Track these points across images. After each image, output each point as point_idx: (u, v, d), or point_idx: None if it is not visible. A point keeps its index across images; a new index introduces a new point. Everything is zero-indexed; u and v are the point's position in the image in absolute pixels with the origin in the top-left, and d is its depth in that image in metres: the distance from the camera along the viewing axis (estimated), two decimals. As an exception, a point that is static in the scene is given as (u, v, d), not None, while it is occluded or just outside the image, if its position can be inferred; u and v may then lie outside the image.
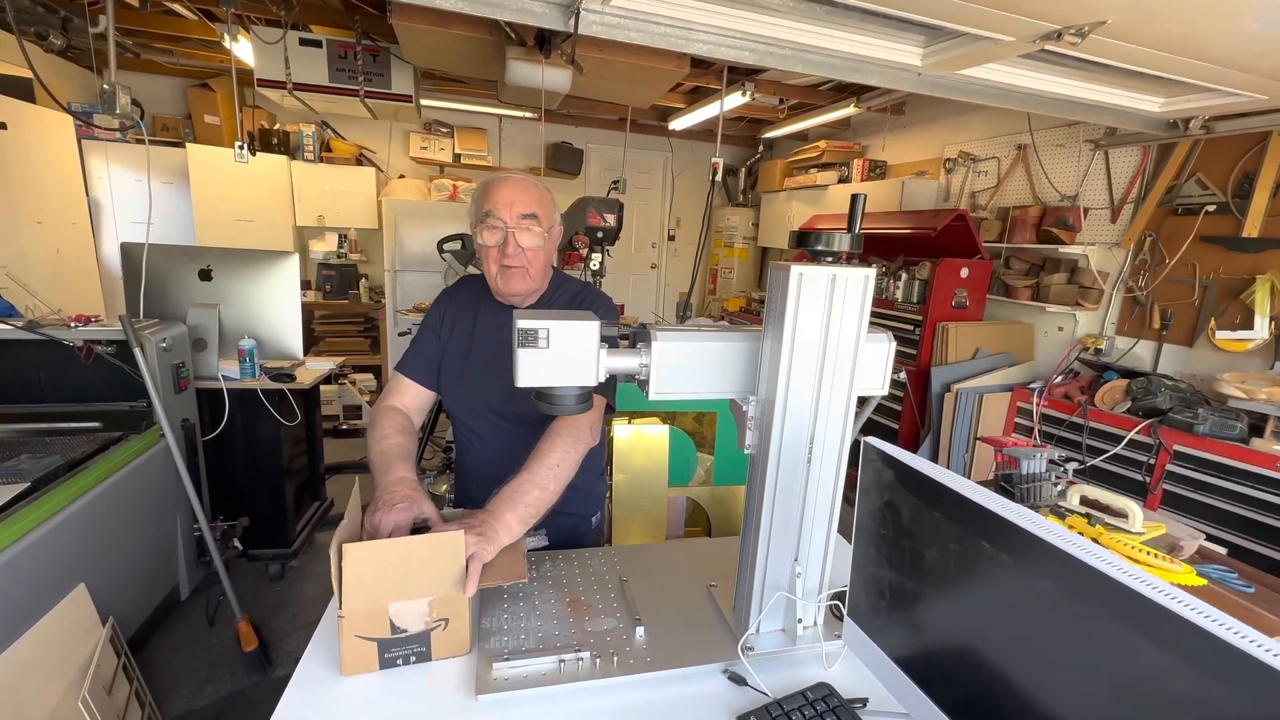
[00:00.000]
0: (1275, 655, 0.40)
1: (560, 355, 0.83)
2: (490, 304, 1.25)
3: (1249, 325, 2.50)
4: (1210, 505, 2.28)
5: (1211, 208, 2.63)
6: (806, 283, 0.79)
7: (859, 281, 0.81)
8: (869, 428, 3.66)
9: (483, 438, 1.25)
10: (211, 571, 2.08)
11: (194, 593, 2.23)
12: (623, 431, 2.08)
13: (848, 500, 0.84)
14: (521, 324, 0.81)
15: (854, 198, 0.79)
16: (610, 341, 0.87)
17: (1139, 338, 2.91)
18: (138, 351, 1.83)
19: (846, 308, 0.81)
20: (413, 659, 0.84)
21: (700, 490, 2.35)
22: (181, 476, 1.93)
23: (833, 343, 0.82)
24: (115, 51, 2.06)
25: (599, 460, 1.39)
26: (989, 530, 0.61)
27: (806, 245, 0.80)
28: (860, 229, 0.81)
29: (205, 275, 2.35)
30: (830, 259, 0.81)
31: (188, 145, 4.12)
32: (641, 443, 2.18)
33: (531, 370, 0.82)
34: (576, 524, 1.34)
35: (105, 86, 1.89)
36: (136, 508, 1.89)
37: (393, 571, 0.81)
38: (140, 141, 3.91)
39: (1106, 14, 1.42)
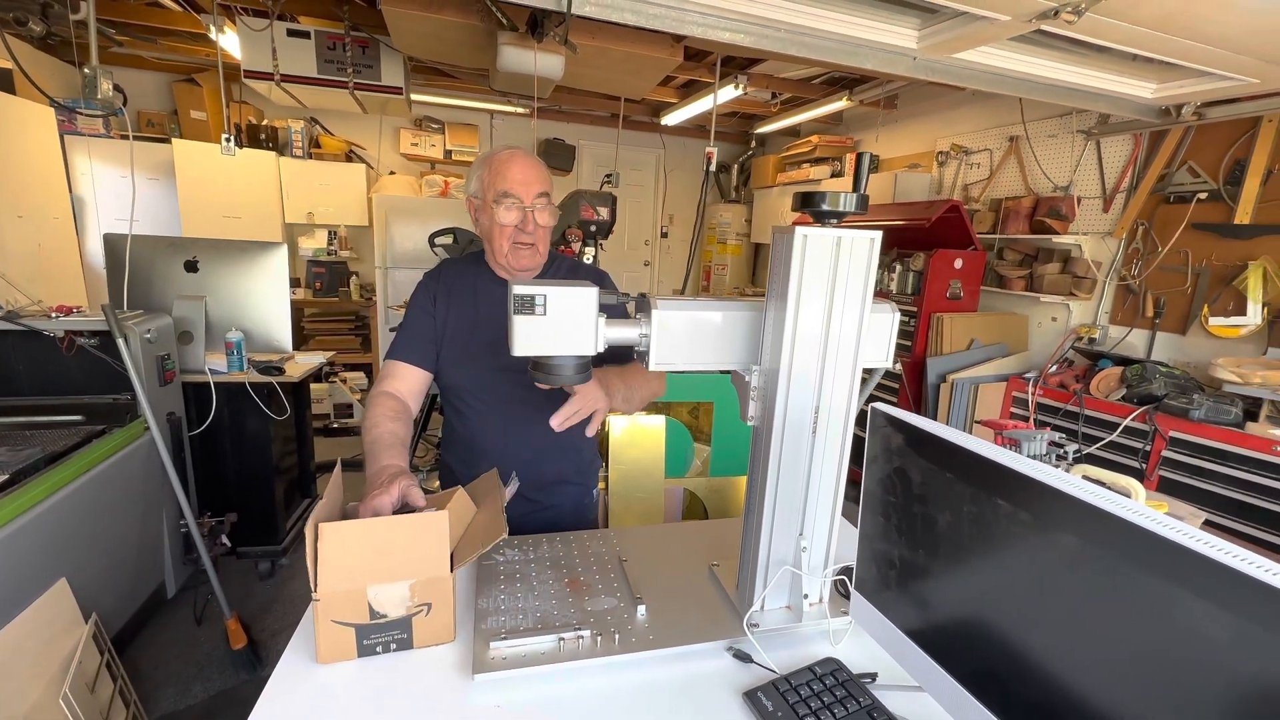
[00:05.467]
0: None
1: (558, 323, 0.80)
2: (489, 277, 1.24)
3: (1242, 311, 2.51)
4: (1206, 490, 2.28)
5: (1203, 195, 2.64)
6: (812, 244, 0.77)
7: (864, 244, 0.79)
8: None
9: (490, 410, 1.23)
10: (199, 569, 2.03)
11: (181, 590, 2.18)
12: (619, 424, 2.06)
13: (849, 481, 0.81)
14: (518, 290, 0.78)
15: (859, 156, 0.77)
16: (609, 310, 0.85)
17: (1132, 326, 2.92)
18: (121, 342, 1.78)
19: (852, 271, 0.79)
20: (393, 646, 0.80)
21: (697, 481, 2.33)
22: (167, 471, 1.88)
23: (838, 307, 0.80)
24: (97, 40, 2.01)
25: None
26: (1005, 487, 0.59)
27: (811, 206, 0.78)
28: (865, 190, 0.79)
29: (191, 267, 2.30)
30: (835, 221, 0.79)
31: (173, 141, 4.06)
32: (638, 435, 2.16)
33: (528, 338, 0.80)
34: (581, 495, 1.34)
35: (86, 71, 1.84)
36: (120, 502, 1.84)
37: (372, 553, 0.77)
38: (124, 136, 3.84)
39: (1103, -10, 1.42)
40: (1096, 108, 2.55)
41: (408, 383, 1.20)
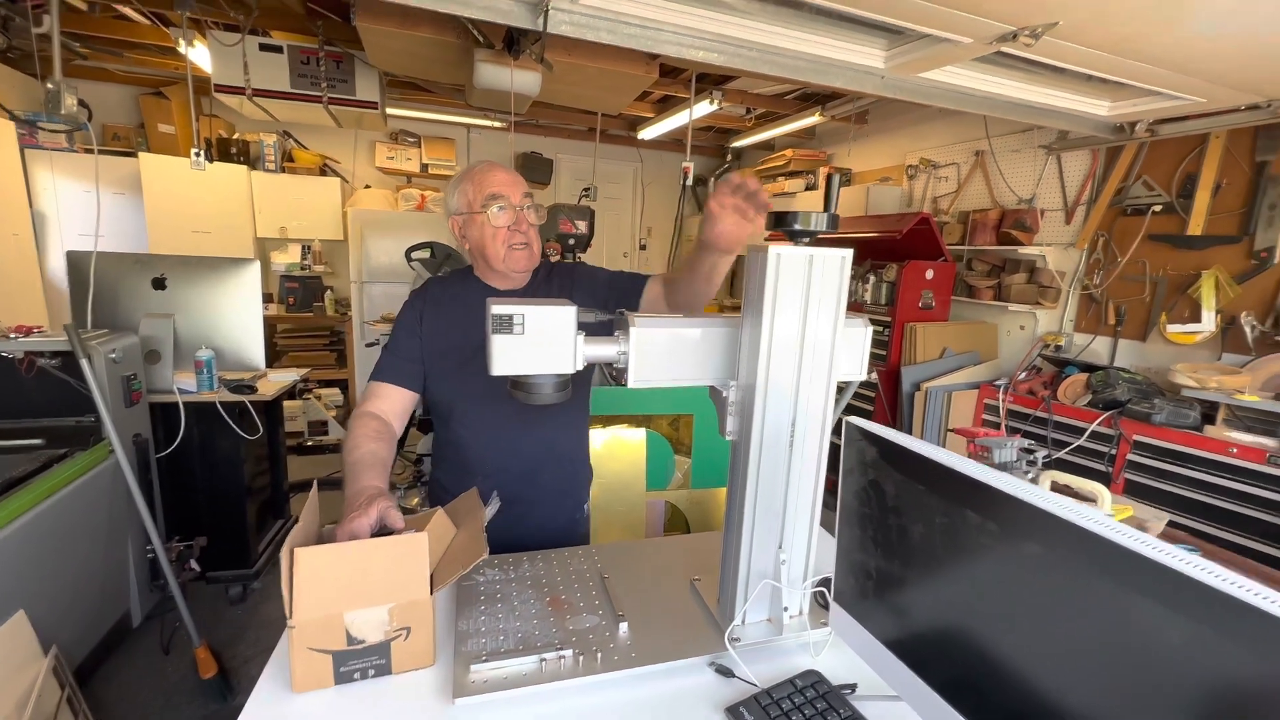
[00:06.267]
0: (1264, 599, 0.39)
1: (536, 341, 0.81)
2: (479, 288, 1.24)
3: (1197, 318, 2.61)
4: (1170, 492, 2.36)
5: (1158, 208, 2.76)
6: (785, 263, 0.79)
7: (836, 262, 0.81)
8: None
9: (481, 425, 1.22)
10: (166, 595, 1.97)
11: (147, 619, 2.11)
12: (599, 436, 2.06)
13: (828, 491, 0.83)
14: (496, 309, 0.78)
15: (829, 178, 0.79)
16: (587, 328, 0.85)
17: (1096, 333, 3.01)
18: (84, 363, 1.73)
19: (825, 288, 0.81)
20: (371, 672, 0.79)
21: (678, 494, 2.33)
22: (133, 495, 1.82)
23: (812, 323, 0.82)
24: (60, 53, 1.97)
25: (588, 440, 1.37)
26: (974, 499, 0.61)
27: (784, 225, 0.80)
28: (836, 209, 0.81)
29: (159, 284, 2.25)
30: (807, 239, 0.81)
31: (140, 155, 3.98)
32: (619, 448, 2.16)
33: (507, 357, 0.80)
34: (573, 510, 1.32)
35: (49, 86, 1.80)
36: (83, 529, 1.78)
37: (349, 577, 0.76)
38: (88, 150, 3.75)
39: (1058, 15, 1.48)
40: (1055, 124, 2.65)
41: (391, 403, 1.19)
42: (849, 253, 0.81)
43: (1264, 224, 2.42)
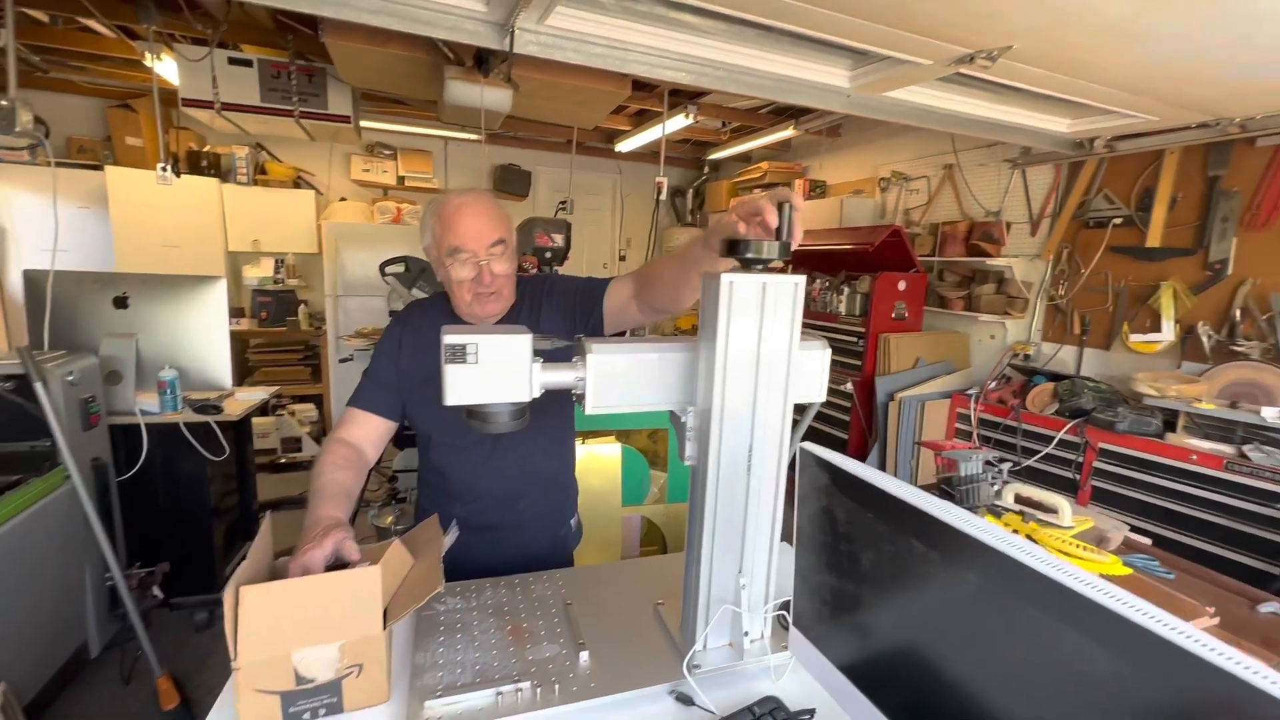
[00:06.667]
0: (1174, 630, 0.40)
1: (490, 371, 0.80)
2: (456, 319, 1.20)
3: (1158, 328, 2.69)
4: (1135, 498, 2.41)
5: (1119, 220, 2.84)
6: (737, 290, 0.79)
7: (788, 289, 0.82)
8: (820, 437, 3.73)
9: (463, 450, 1.20)
10: (127, 624, 1.91)
11: (106, 649, 2.04)
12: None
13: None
14: (449, 339, 0.78)
15: (780, 206, 0.80)
16: (545, 354, 0.85)
17: (1063, 343, 3.08)
18: (38, 386, 1.68)
19: (778, 315, 0.82)
20: (322, 712, 0.77)
21: (654, 508, 2.33)
22: (91, 521, 1.77)
23: (766, 350, 0.82)
24: (16, 66, 1.93)
25: (573, 460, 1.35)
26: (918, 527, 0.62)
27: (736, 254, 0.80)
28: (789, 238, 0.82)
29: (120, 303, 2.20)
30: (760, 267, 0.82)
31: (107, 168, 3.89)
32: (594, 463, 2.15)
33: (460, 387, 0.79)
34: (557, 526, 1.30)
35: (3, 103, 1.76)
36: (35, 558, 1.72)
37: (299, 614, 0.74)
38: (49, 163, 3.66)
39: (1012, 39, 1.53)
40: (1018, 141, 2.72)
41: (365, 430, 1.17)
42: (801, 280, 0.82)
43: (1217, 236, 2.51)
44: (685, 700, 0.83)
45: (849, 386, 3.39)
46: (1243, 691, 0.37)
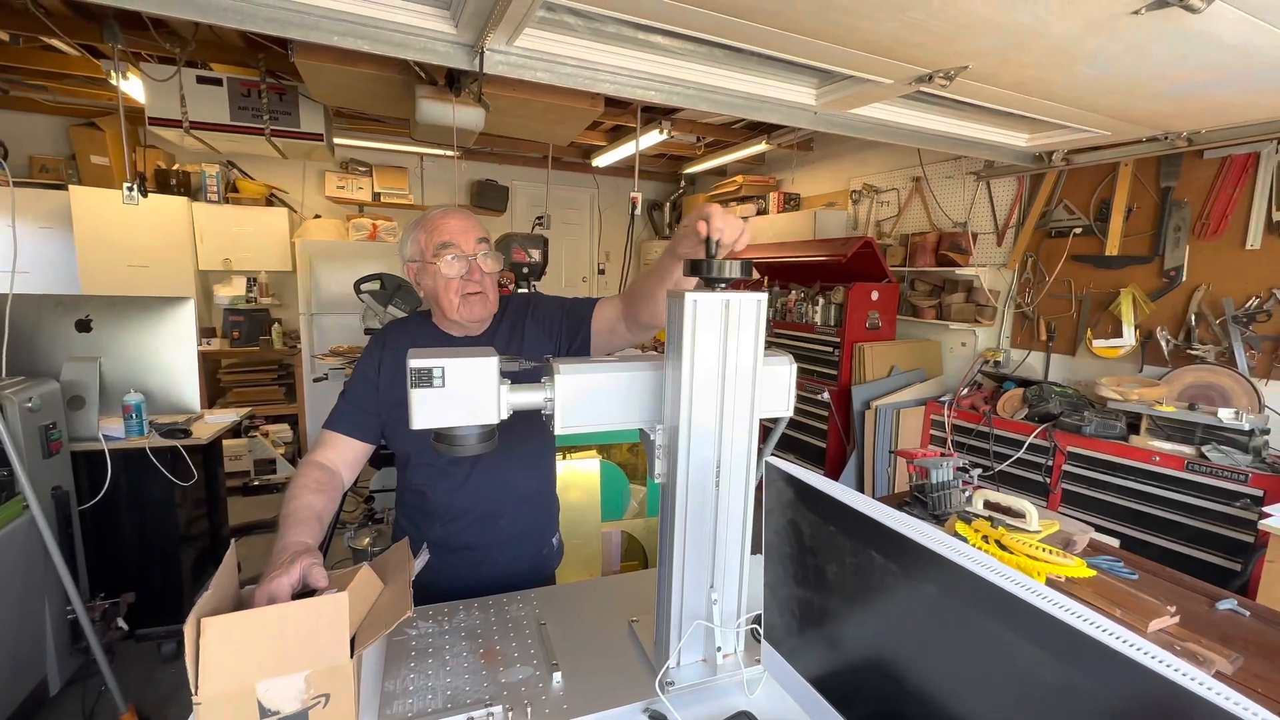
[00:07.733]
0: (1117, 638, 0.42)
1: (457, 394, 0.80)
2: (434, 335, 1.21)
3: (1119, 334, 2.78)
4: (1103, 500, 2.47)
5: (1079, 230, 2.94)
6: (701, 309, 0.81)
7: (751, 307, 0.84)
8: (799, 447, 3.76)
9: (442, 471, 1.19)
10: (90, 659, 1.84)
11: (68, 685, 1.96)
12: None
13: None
14: (414, 364, 0.78)
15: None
16: (513, 375, 0.86)
17: (1030, 349, 3.17)
18: (-5, 414, 1.63)
19: (742, 332, 0.84)
20: None
21: (635, 523, 2.32)
22: (51, 552, 1.71)
23: (731, 367, 0.84)
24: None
25: (554, 477, 1.35)
26: (877, 540, 0.63)
27: (698, 273, 0.82)
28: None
29: (84, 326, 2.14)
30: (723, 285, 0.84)
31: (71, 187, 3.81)
32: (573, 478, 2.14)
33: (426, 411, 0.79)
34: (539, 544, 1.29)
35: (-40, 125, 1.72)
36: (-8, 593, 1.66)
37: (263, 645, 0.72)
38: (5, 183, 3.57)
39: (968, 60, 1.58)
40: (980, 154, 2.81)
41: (341, 453, 1.15)
42: (763, 297, 0.84)
43: (1171, 245, 2.61)
44: (659, 718, 0.83)
45: (826, 396, 3.43)
46: (1181, 696, 0.39)
